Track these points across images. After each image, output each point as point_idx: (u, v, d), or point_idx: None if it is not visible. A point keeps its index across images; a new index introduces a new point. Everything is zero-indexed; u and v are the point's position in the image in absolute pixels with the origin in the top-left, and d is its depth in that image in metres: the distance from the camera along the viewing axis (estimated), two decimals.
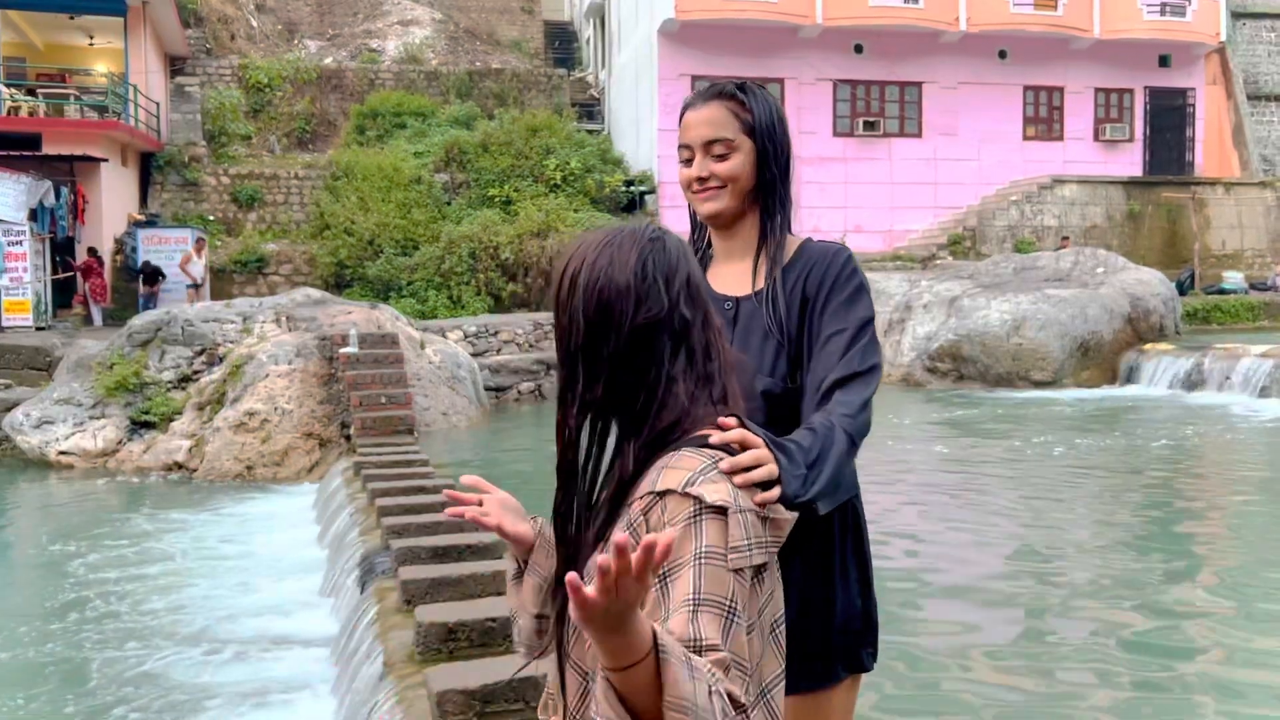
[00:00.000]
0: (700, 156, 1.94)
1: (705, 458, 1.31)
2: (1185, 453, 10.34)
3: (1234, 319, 20.60)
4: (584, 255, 1.36)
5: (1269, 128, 29.46)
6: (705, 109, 1.93)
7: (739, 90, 1.94)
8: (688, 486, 1.27)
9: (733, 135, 1.91)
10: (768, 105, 1.95)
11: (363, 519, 6.43)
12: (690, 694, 1.12)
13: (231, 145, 24.63)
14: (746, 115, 1.92)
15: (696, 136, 1.94)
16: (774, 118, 1.94)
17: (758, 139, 1.92)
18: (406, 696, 3.51)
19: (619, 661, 1.11)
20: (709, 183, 1.93)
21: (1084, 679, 4.50)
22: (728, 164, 1.92)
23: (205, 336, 11.47)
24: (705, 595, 1.21)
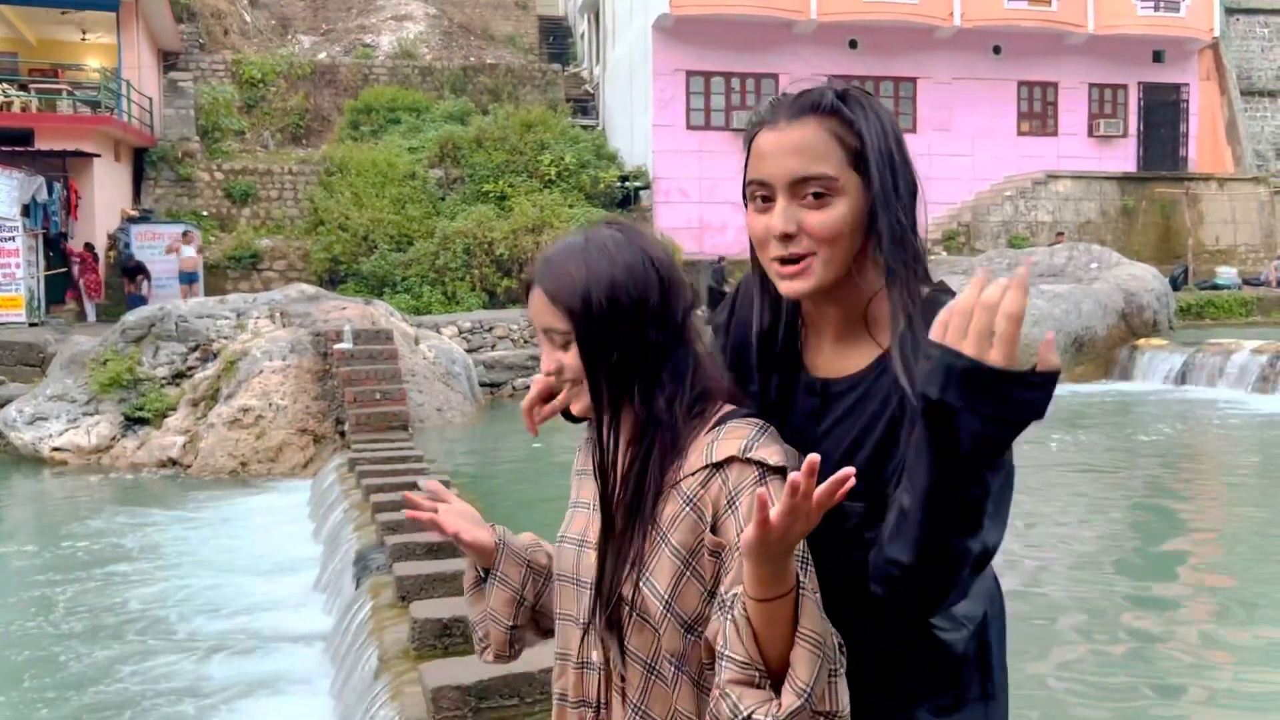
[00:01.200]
0: (785, 201, 1.31)
1: (753, 425, 1.34)
2: (1179, 448, 10.37)
3: (1227, 314, 20.65)
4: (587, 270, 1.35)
5: (1262, 123, 29.52)
6: (794, 130, 1.31)
7: (841, 101, 1.33)
8: (748, 452, 1.30)
9: (835, 171, 1.30)
10: (881, 120, 1.33)
11: (357, 515, 6.43)
12: (823, 630, 1.21)
13: (225, 141, 24.57)
14: (853, 139, 1.31)
15: (780, 170, 1.31)
16: (891, 137, 1.33)
17: (872, 172, 1.31)
18: (401, 693, 3.51)
19: (770, 591, 1.18)
20: (795, 244, 1.32)
21: (1078, 674, 4.51)
22: (828, 214, 1.30)
23: (199, 332, 11.45)
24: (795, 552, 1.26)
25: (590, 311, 1.33)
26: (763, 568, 1.17)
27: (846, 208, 1.30)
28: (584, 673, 1.41)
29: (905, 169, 1.33)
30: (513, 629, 1.55)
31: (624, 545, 1.35)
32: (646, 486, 1.34)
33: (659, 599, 1.32)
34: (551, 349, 1.38)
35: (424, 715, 3.27)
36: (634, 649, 1.35)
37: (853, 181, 1.31)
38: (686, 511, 1.32)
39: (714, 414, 1.37)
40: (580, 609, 1.42)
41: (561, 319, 1.35)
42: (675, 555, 1.32)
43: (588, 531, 1.43)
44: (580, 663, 1.41)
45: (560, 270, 1.36)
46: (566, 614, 1.46)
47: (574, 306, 1.34)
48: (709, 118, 23.44)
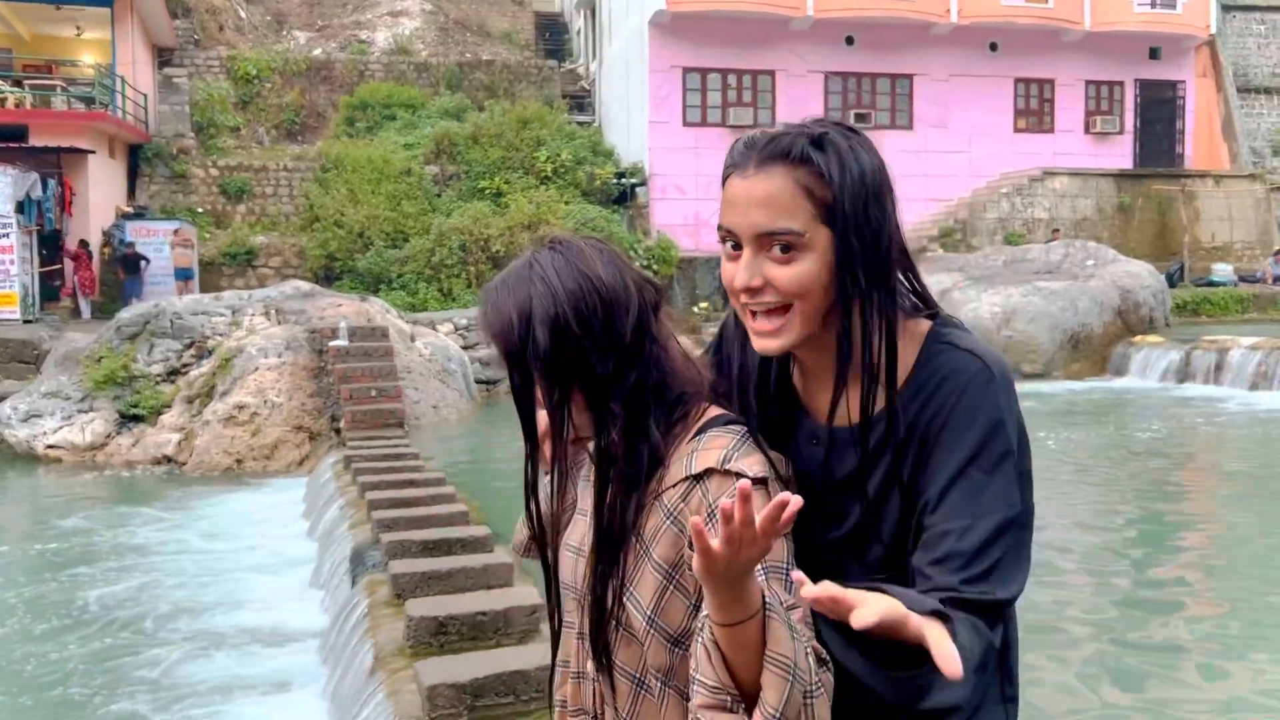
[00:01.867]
0: (751, 253, 1.26)
1: (733, 434, 1.31)
2: (1175, 444, 10.38)
3: (1223, 311, 20.67)
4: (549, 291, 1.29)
5: (1259, 120, 29.55)
6: (760, 179, 1.24)
7: (817, 147, 1.24)
8: (726, 463, 1.27)
9: (802, 225, 1.23)
10: (859, 167, 1.25)
11: (353, 512, 6.41)
12: (791, 652, 1.16)
13: (220, 137, 24.51)
14: (824, 190, 1.23)
15: (745, 223, 1.25)
16: (868, 186, 1.25)
17: (838, 232, 1.24)
18: (397, 690, 3.49)
19: (732, 616, 1.14)
20: (763, 296, 1.27)
21: (1074, 670, 4.51)
22: (794, 270, 1.24)
23: (194, 329, 11.42)
24: (769, 564, 1.24)
25: (523, 352, 1.30)
26: (720, 593, 1.13)
27: (814, 263, 1.24)
28: (581, 683, 1.40)
29: (881, 221, 1.25)
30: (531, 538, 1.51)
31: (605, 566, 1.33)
32: (612, 520, 1.31)
33: (642, 614, 1.30)
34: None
35: (419, 713, 3.26)
36: (621, 663, 1.33)
37: (822, 235, 1.24)
38: (668, 525, 1.29)
39: (696, 419, 1.34)
40: (579, 619, 1.41)
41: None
42: (658, 570, 1.29)
43: (585, 541, 1.41)
44: (577, 673, 1.40)
45: (496, 308, 1.32)
46: (569, 622, 1.44)
47: (509, 348, 1.30)
48: (705, 114, 23.42)
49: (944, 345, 1.29)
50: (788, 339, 1.28)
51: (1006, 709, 1.35)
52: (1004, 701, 1.35)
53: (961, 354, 1.28)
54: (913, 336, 1.31)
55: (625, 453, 1.31)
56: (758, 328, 1.29)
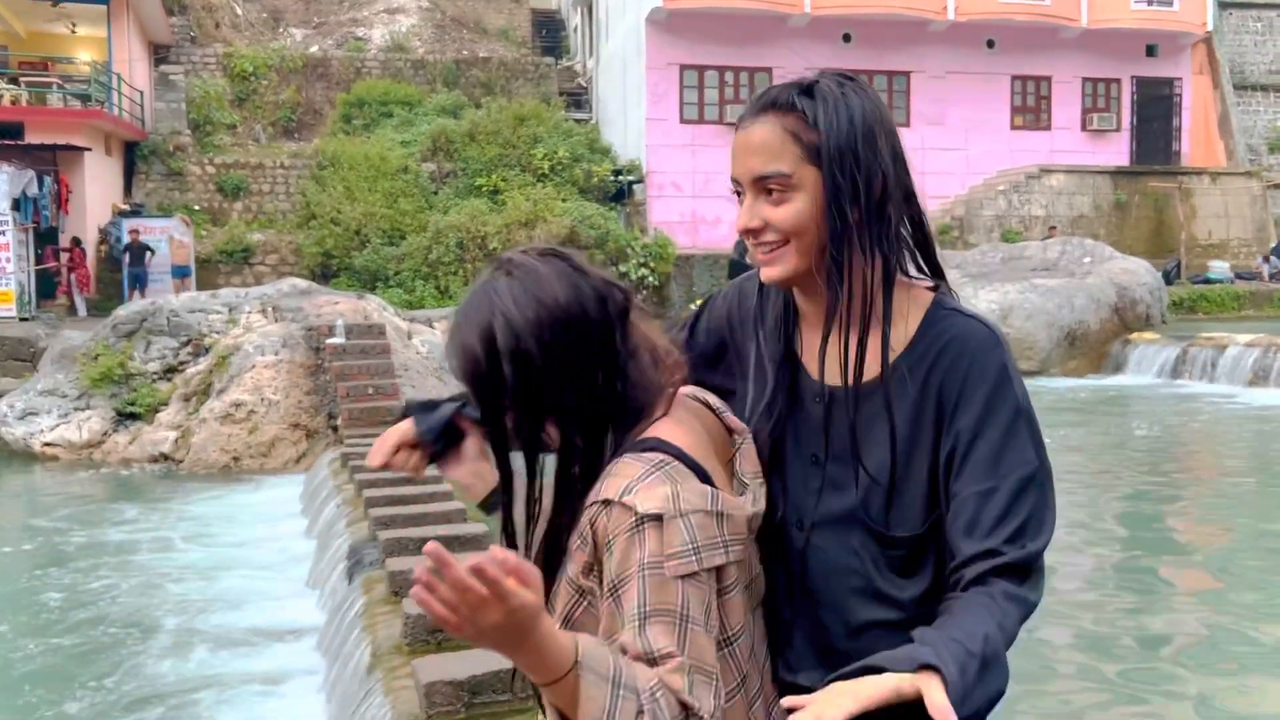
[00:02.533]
0: (750, 198, 1.34)
1: (645, 463, 1.24)
2: (1172, 441, 10.39)
3: (1220, 308, 20.70)
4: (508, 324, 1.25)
5: (1255, 117, 29.58)
6: (754, 129, 1.33)
7: (803, 94, 1.32)
8: (624, 495, 1.21)
9: (789, 167, 1.30)
10: (849, 111, 1.30)
11: (350, 510, 6.41)
12: (600, 713, 1.09)
13: (216, 134, 24.48)
14: (811, 134, 1.30)
15: (743, 169, 1.34)
16: (858, 127, 1.29)
17: (826, 168, 1.29)
18: (394, 688, 3.49)
19: (540, 677, 1.10)
20: (764, 236, 1.34)
21: (1070, 666, 4.51)
22: (786, 209, 1.31)
23: (191, 327, 11.40)
24: (652, 607, 1.17)
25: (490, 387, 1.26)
26: (513, 658, 1.08)
27: (804, 201, 1.31)
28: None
29: (871, 155, 1.29)
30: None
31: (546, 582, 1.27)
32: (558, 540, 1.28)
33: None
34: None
35: (417, 710, 3.26)
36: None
37: (810, 176, 1.30)
38: (578, 544, 1.25)
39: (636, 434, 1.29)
40: None
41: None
42: (570, 584, 1.26)
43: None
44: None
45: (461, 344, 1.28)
46: None
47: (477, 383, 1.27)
48: (702, 112, 23.41)
49: (949, 311, 1.35)
50: (784, 268, 1.34)
51: None
52: None
53: (966, 319, 1.34)
54: (916, 301, 1.35)
55: (583, 480, 1.28)
56: (761, 259, 1.37)
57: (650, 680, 1.13)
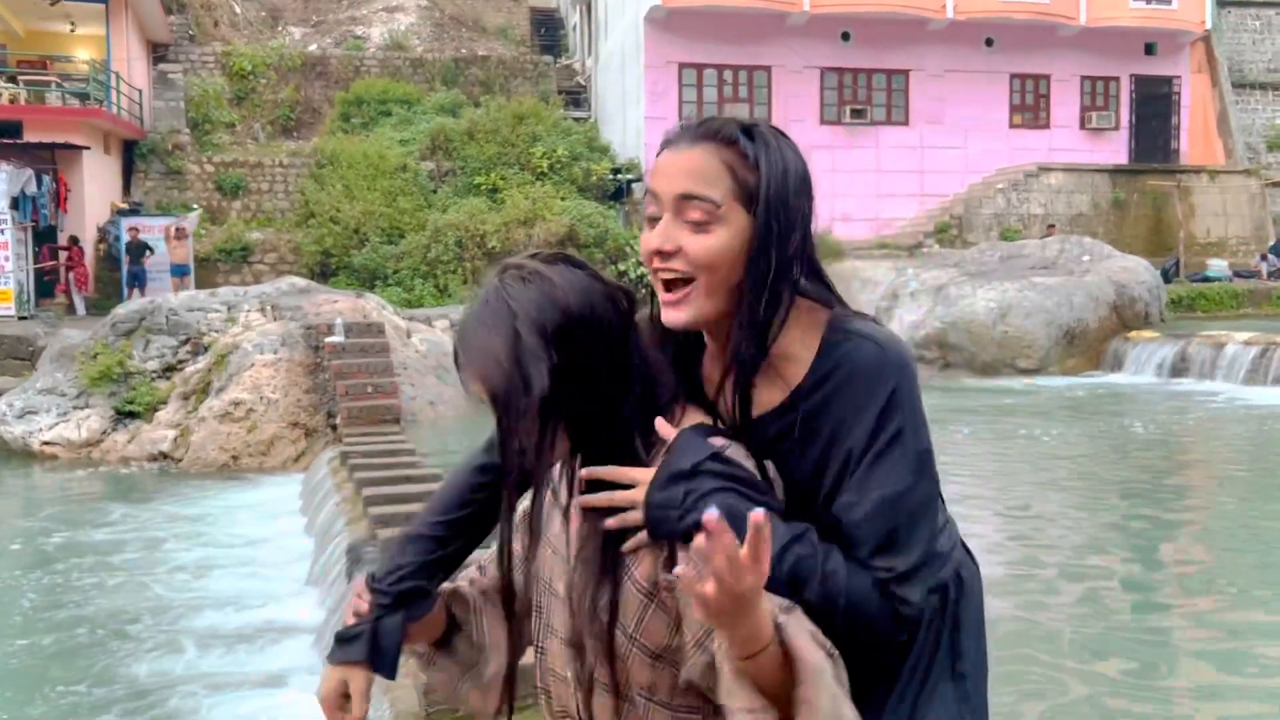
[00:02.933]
0: (669, 218, 1.31)
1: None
2: (1170, 439, 10.40)
3: (1218, 306, 20.71)
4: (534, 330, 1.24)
5: (1253, 115, 29.59)
6: (691, 153, 1.31)
7: (744, 134, 1.31)
8: None
9: (719, 197, 1.28)
10: (784, 161, 1.30)
11: (349, 508, 6.41)
12: (818, 661, 1.14)
13: (215, 133, 24.46)
14: (748, 174, 1.29)
15: (667, 186, 1.31)
16: (791, 180, 1.30)
17: (759, 212, 1.28)
18: (393, 685, 3.49)
19: (750, 649, 1.12)
20: (672, 262, 1.30)
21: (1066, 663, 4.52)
22: (706, 240, 1.29)
23: (190, 326, 11.40)
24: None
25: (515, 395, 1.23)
26: (734, 630, 1.10)
27: (727, 238, 1.28)
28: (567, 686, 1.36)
29: (800, 215, 1.30)
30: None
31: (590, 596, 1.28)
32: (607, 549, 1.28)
33: (624, 632, 1.27)
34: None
35: (416, 709, 3.26)
36: (601, 679, 1.30)
37: (737, 214, 1.29)
38: (647, 544, 1.26)
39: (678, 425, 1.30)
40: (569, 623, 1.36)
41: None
42: (639, 589, 1.27)
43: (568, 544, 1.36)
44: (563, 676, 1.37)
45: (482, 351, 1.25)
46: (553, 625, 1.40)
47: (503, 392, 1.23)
48: (701, 110, 23.37)
49: (841, 333, 1.32)
50: (692, 311, 1.31)
51: (955, 685, 1.36)
52: (953, 678, 1.37)
53: (857, 341, 1.31)
54: (814, 325, 1.33)
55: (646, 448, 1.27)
56: (665, 298, 1.33)
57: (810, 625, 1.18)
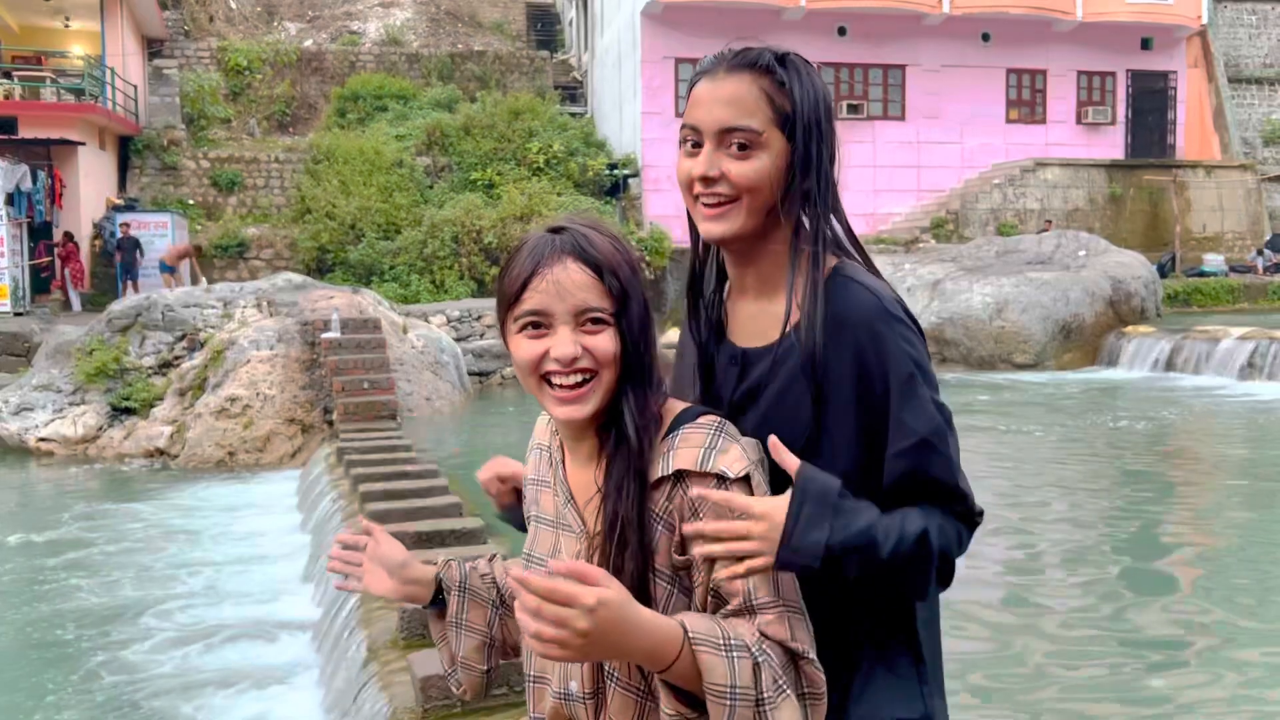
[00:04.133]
0: (711, 147, 1.37)
1: (706, 429, 1.28)
2: (1166, 433, 10.41)
3: (1214, 301, 20.74)
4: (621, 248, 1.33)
5: (1249, 110, 29.61)
6: (728, 82, 1.36)
7: (778, 63, 1.37)
8: (704, 465, 1.25)
9: (760, 125, 1.34)
10: (814, 88, 1.37)
11: (346, 504, 6.41)
12: (725, 678, 1.15)
13: (211, 129, 24.41)
14: (784, 100, 1.35)
15: (709, 119, 1.36)
16: (821, 106, 1.37)
17: (797, 135, 1.36)
18: (390, 682, 3.50)
19: (657, 665, 1.16)
20: (717, 187, 1.36)
21: (1062, 660, 4.53)
22: (748, 165, 1.35)
23: (186, 322, 11.39)
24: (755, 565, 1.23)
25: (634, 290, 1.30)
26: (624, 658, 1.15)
27: (768, 161, 1.35)
28: (566, 703, 1.31)
29: (830, 138, 1.39)
30: (488, 671, 1.51)
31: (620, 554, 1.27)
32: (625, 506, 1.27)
33: None
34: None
35: (413, 704, 3.26)
36: (622, 676, 1.27)
37: (776, 139, 1.36)
38: (660, 530, 1.26)
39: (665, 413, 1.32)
40: None
41: (604, 294, 1.27)
42: (661, 576, 1.27)
43: (556, 549, 1.36)
44: (560, 693, 1.32)
45: (595, 243, 1.30)
46: None
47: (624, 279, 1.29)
48: None
49: (844, 279, 1.37)
50: (731, 224, 1.37)
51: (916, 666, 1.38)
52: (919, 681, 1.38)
53: (857, 288, 1.35)
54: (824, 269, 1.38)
55: (636, 435, 1.28)
56: (707, 214, 1.39)
57: (753, 634, 1.19)
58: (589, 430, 1.32)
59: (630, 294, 1.29)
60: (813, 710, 1.21)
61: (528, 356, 1.29)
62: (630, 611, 1.12)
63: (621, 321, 1.28)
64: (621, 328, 1.28)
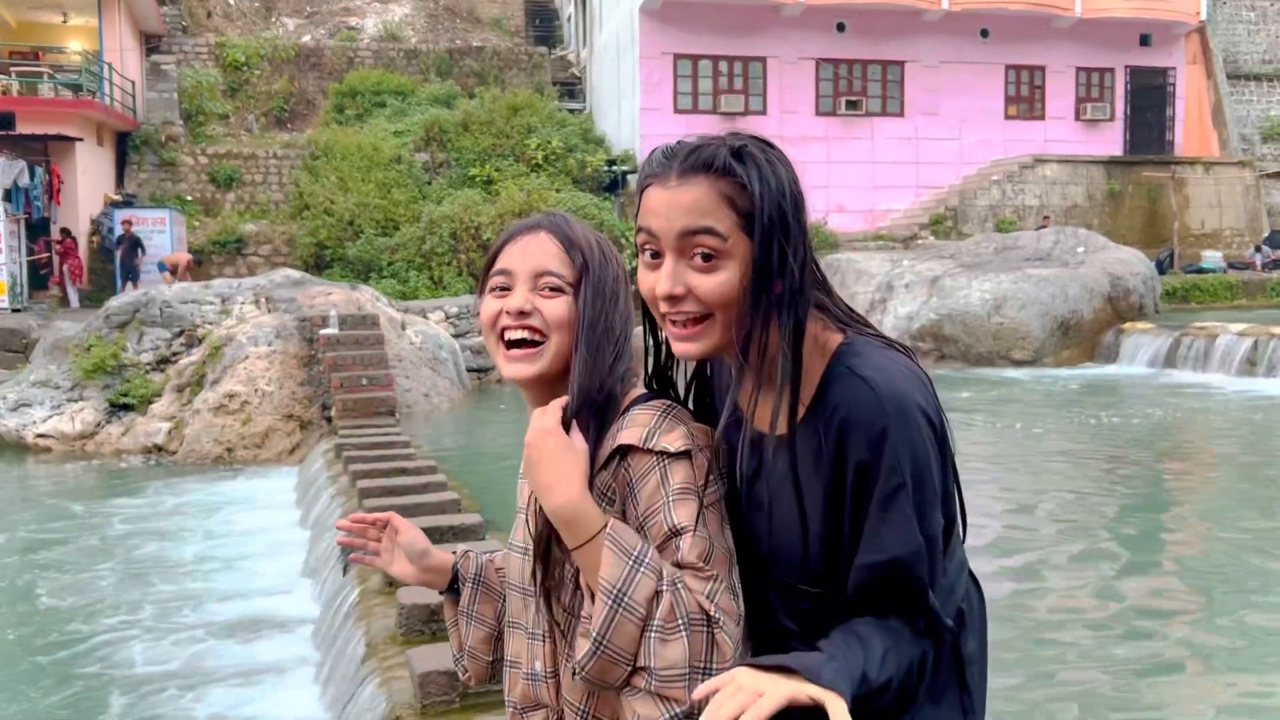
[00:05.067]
0: (672, 259, 1.26)
1: (654, 409, 1.32)
2: (1164, 430, 10.42)
3: (1212, 298, 20.75)
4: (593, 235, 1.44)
5: (1248, 107, 29.61)
6: (684, 190, 1.25)
7: (735, 159, 1.25)
8: (648, 441, 1.27)
9: (725, 230, 1.24)
10: (777, 180, 1.25)
11: (344, 501, 6.41)
12: (618, 579, 1.19)
13: (209, 125, 24.38)
14: (745, 201, 1.24)
15: (667, 227, 1.26)
16: (787, 198, 1.25)
17: (759, 238, 1.24)
18: (389, 678, 3.50)
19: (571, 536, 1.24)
20: (684, 305, 1.26)
21: (1060, 658, 4.53)
22: (715, 279, 1.25)
23: (184, 318, 11.38)
24: (681, 525, 1.24)
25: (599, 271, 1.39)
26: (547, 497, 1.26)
27: (735, 271, 1.24)
28: (533, 683, 1.38)
29: (799, 232, 1.26)
30: (493, 662, 1.55)
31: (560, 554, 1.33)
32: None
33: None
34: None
35: (412, 700, 3.26)
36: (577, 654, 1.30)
37: (742, 244, 1.24)
38: (603, 506, 1.29)
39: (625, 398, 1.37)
40: (528, 618, 1.40)
41: (567, 264, 1.38)
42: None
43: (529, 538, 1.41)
44: (529, 673, 1.39)
45: (573, 226, 1.42)
46: (516, 621, 1.44)
47: (589, 256, 1.38)
48: (696, 101, 23.36)
49: (843, 370, 1.25)
50: (707, 344, 1.28)
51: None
52: (963, 714, 1.34)
53: (855, 382, 1.23)
54: (822, 352, 1.29)
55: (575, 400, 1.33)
56: (677, 334, 1.29)
57: (674, 571, 1.21)
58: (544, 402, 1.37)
59: (592, 270, 1.38)
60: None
61: (488, 313, 1.39)
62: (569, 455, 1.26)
63: (580, 293, 1.36)
64: (579, 300, 1.35)
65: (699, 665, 1.18)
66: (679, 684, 1.17)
